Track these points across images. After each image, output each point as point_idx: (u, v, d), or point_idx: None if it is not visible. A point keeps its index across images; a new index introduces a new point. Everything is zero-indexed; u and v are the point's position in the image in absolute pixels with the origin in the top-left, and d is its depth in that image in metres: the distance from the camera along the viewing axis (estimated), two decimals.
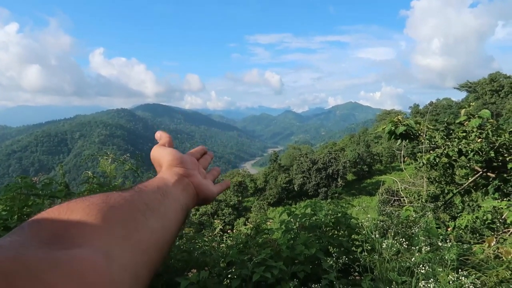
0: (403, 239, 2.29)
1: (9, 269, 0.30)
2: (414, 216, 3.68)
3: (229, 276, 2.54)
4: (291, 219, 3.24)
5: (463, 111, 5.10)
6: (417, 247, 2.27)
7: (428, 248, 2.31)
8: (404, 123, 5.41)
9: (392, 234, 2.33)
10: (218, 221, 5.36)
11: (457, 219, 5.03)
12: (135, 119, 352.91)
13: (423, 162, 5.19)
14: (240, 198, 51.31)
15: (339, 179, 51.02)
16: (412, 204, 5.71)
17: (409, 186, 7.25)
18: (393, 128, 5.43)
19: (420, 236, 2.47)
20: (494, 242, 2.81)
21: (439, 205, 5.72)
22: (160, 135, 0.76)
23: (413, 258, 2.18)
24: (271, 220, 3.96)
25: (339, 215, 3.28)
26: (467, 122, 4.95)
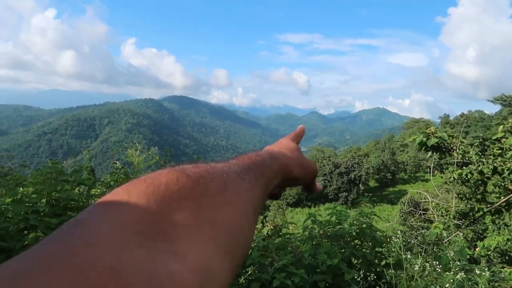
0: (433, 259, 2.21)
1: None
2: (444, 234, 3.55)
3: (247, 277, 2.51)
4: (315, 226, 3.19)
5: (500, 127, 4.90)
6: (447, 268, 2.18)
7: (458, 270, 2.22)
8: (437, 135, 5.26)
9: (422, 252, 2.24)
10: None
11: (485, 239, 4.84)
12: (162, 109, 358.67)
13: (454, 177, 5.02)
14: None
15: (360, 185, 50.30)
16: (439, 220, 5.52)
17: (434, 199, 7.04)
18: (424, 139, 5.28)
19: (451, 257, 2.37)
20: None
21: (467, 223, 5.53)
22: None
23: (442, 280, 2.09)
24: (293, 225, 3.92)
25: (364, 226, 3.20)
26: (504, 139, 4.75)
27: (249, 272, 2.55)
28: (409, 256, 2.24)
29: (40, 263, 0.28)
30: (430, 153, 5.38)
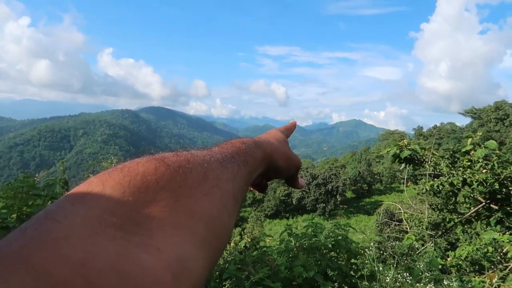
0: (405, 271, 2.27)
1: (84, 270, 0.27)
2: (416, 245, 3.64)
3: None
4: (291, 239, 3.22)
5: (469, 140, 5.08)
6: (418, 279, 2.24)
7: (428, 281, 2.28)
8: (410, 147, 5.40)
9: (394, 263, 2.30)
10: None
11: (457, 249, 4.97)
12: (139, 120, 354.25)
13: (426, 188, 5.16)
14: None
15: (338, 196, 50.79)
16: (412, 230, 5.65)
17: (408, 210, 7.20)
18: (398, 151, 5.41)
19: (422, 268, 2.43)
20: (496, 279, 2.76)
21: (439, 233, 5.67)
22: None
23: None
24: (270, 237, 3.93)
25: (340, 238, 3.25)
26: (473, 152, 4.93)
27: (226, 286, 2.54)
28: (381, 268, 2.30)
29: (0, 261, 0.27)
30: (403, 165, 5.51)
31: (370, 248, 2.69)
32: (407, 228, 6.03)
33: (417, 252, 3.78)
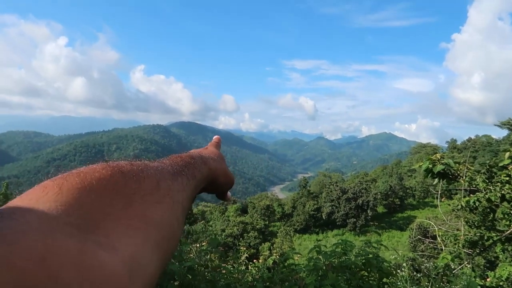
0: None
1: (40, 258, 0.29)
2: (452, 265, 3.48)
3: None
4: (320, 257, 3.15)
5: (507, 154, 4.86)
6: None
7: None
8: (443, 162, 5.22)
9: (429, 285, 2.20)
10: (244, 248, 5.29)
11: (497, 269, 4.72)
12: (169, 135, 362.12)
13: (461, 205, 4.95)
14: (267, 222, 50.84)
15: (369, 211, 49.61)
16: (448, 248, 5.41)
17: (443, 226, 6.92)
18: (430, 166, 5.24)
19: None
20: None
21: (477, 251, 5.41)
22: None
23: None
24: (299, 255, 3.86)
25: (371, 256, 3.15)
26: (511, 166, 4.71)
27: None
28: None
29: None
30: (436, 180, 5.33)
31: (403, 268, 2.59)
32: (442, 246, 5.78)
33: (453, 272, 3.61)
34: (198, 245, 4.12)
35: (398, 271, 2.74)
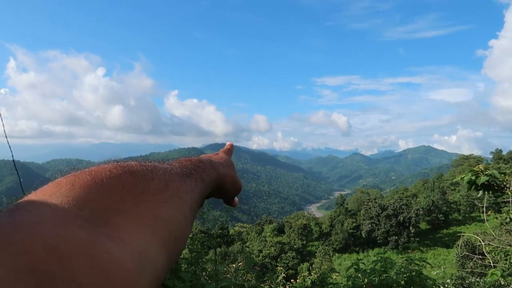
0: None
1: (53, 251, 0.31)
2: (502, 282, 3.26)
3: None
4: (359, 275, 3.04)
5: None
6: None
7: None
8: (487, 172, 4.96)
9: None
10: (281, 267, 5.21)
11: None
12: None
13: (510, 218, 4.67)
14: (305, 241, 50.06)
15: (411, 228, 47.73)
16: (497, 265, 5.09)
17: (492, 242, 6.53)
18: (473, 177, 4.99)
19: None
20: None
21: None
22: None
23: None
24: (337, 273, 3.75)
25: (413, 273, 3.01)
26: None
27: None
28: None
29: None
30: (481, 192, 5.07)
31: (447, 285, 2.45)
32: (491, 262, 5.45)
33: None
34: (234, 265, 4.11)
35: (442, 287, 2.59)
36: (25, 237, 0.31)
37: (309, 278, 4.03)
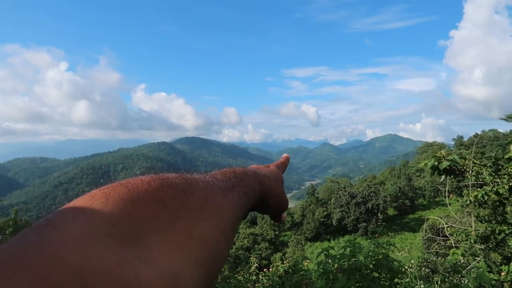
0: None
1: (80, 271, 0.29)
2: (462, 260, 3.43)
3: None
4: (329, 261, 3.12)
5: (511, 146, 4.82)
6: None
7: None
8: (448, 158, 5.18)
9: (439, 282, 2.17)
10: (254, 258, 5.26)
11: (511, 262, 4.64)
12: (174, 152, 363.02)
13: (470, 200, 4.90)
14: (277, 232, 50.51)
15: (379, 214, 49.15)
16: (459, 245, 5.34)
17: (455, 224, 6.84)
18: (436, 163, 5.19)
19: (470, 284, 2.28)
20: None
21: (490, 246, 5.33)
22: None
23: None
24: (308, 260, 3.83)
25: (380, 257, 3.12)
26: None
27: None
28: (422, 286, 2.17)
29: None
30: (443, 177, 5.28)
31: (411, 265, 2.56)
32: (453, 244, 5.71)
33: (466, 268, 3.56)
34: None
35: (409, 269, 2.71)
36: (47, 261, 0.30)
37: (281, 267, 4.09)
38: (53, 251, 0.30)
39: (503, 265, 4.89)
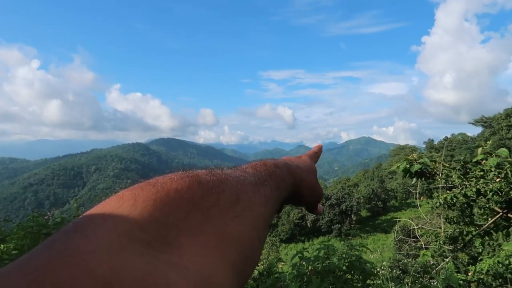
0: None
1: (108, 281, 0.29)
2: (432, 261, 3.52)
3: None
4: (303, 263, 3.14)
5: (479, 149, 4.98)
6: None
7: None
8: (420, 161, 5.30)
9: (409, 283, 2.21)
10: None
11: (477, 263, 4.80)
12: (149, 153, 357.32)
13: (440, 202, 5.03)
14: None
15: (353, 216, 49.92)
16: (429, 246, 5.48)
17: (425, 225, 7.02)
18: (408, 166, 5.32)
19: (439, 285, 2.34)
20: None
21: (458, 246, 5.50)
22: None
23: None
24: (282, 263, 3.84)
25: (353, 258, 3.16)
26: (484, 161, 4.82)
27: None
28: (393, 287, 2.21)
29: (23, 279, 0.27)
30: (414, 179, 5.41)
31: (383, 267, 2.60)
32: (425, 245, 5.86)
33: (436, 269, 3.65)
34: None
35: (381, 271, 2.75)
36: (75, 273, 0.29)
37: (256, 269, 4.08)
38: (81, 263, 0.29)
39: (470, 265, 5.06)
